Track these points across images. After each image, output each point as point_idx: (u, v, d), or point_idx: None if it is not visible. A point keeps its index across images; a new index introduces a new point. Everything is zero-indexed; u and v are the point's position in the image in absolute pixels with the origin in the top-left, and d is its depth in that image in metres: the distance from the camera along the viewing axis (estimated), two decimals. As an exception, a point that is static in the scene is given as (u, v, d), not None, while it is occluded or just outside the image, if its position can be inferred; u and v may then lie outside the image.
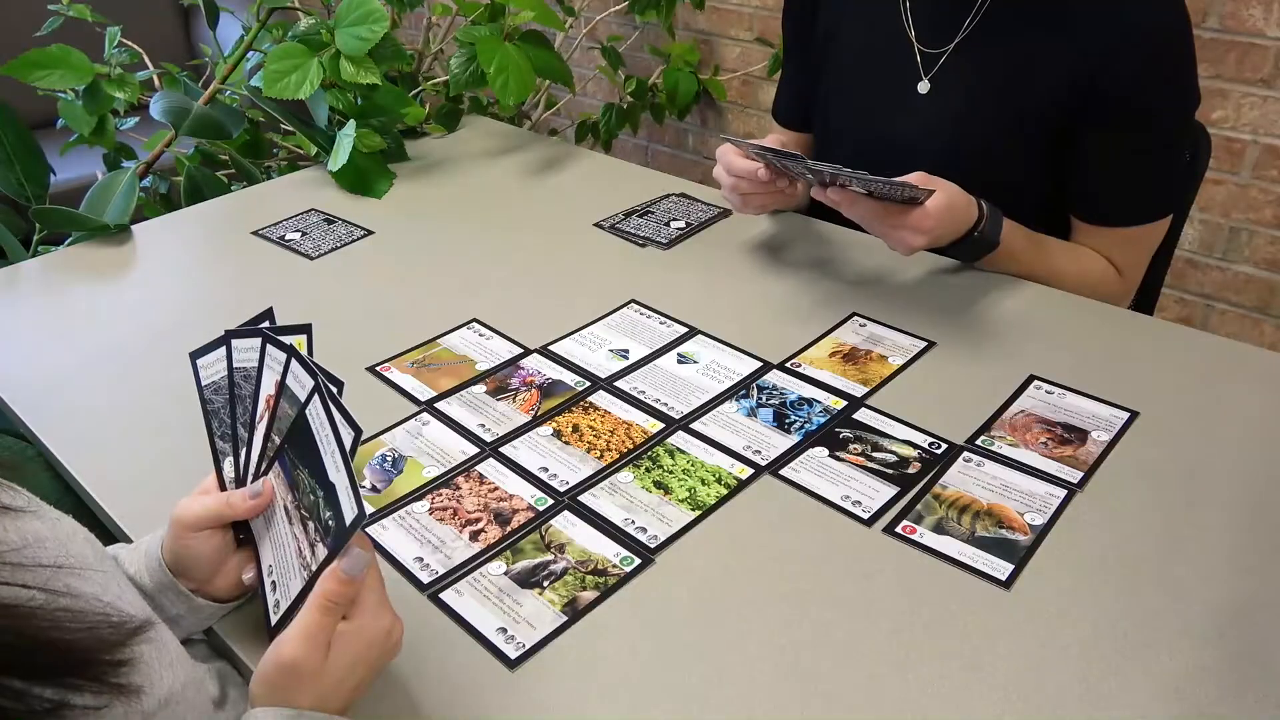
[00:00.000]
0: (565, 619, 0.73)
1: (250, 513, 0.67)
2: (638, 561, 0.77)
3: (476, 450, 0.90)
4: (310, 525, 0.63)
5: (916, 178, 1.03)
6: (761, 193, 1.12)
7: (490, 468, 0.88)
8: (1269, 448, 0.87)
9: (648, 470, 0.87)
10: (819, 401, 0.95)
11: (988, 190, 1.09)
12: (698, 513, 0.82)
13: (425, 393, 0.98)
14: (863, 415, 0.93)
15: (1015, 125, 1.14)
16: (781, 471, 0.86)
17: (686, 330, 1.07)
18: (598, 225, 1.31)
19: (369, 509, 0.75)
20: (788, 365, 1.01)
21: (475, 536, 0.80)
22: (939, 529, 0.80)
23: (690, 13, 2.54)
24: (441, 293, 1.17)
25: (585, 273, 1.20)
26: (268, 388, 0.68)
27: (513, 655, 0.70)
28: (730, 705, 0.66)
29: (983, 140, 1.16)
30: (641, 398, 0.96)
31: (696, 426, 0.92)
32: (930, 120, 1.18)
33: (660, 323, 1.08)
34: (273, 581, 0.66)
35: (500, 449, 0.90)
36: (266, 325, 0.69)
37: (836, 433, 0.91)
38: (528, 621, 0.73)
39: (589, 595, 0.75)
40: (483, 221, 1.35)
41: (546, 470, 0.87)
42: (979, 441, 0.89)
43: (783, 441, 0.90)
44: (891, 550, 0.78)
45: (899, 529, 0.80)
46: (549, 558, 0.78)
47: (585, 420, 0.93)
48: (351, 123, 1.44)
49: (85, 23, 1.62)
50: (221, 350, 0.71)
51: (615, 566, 0.77)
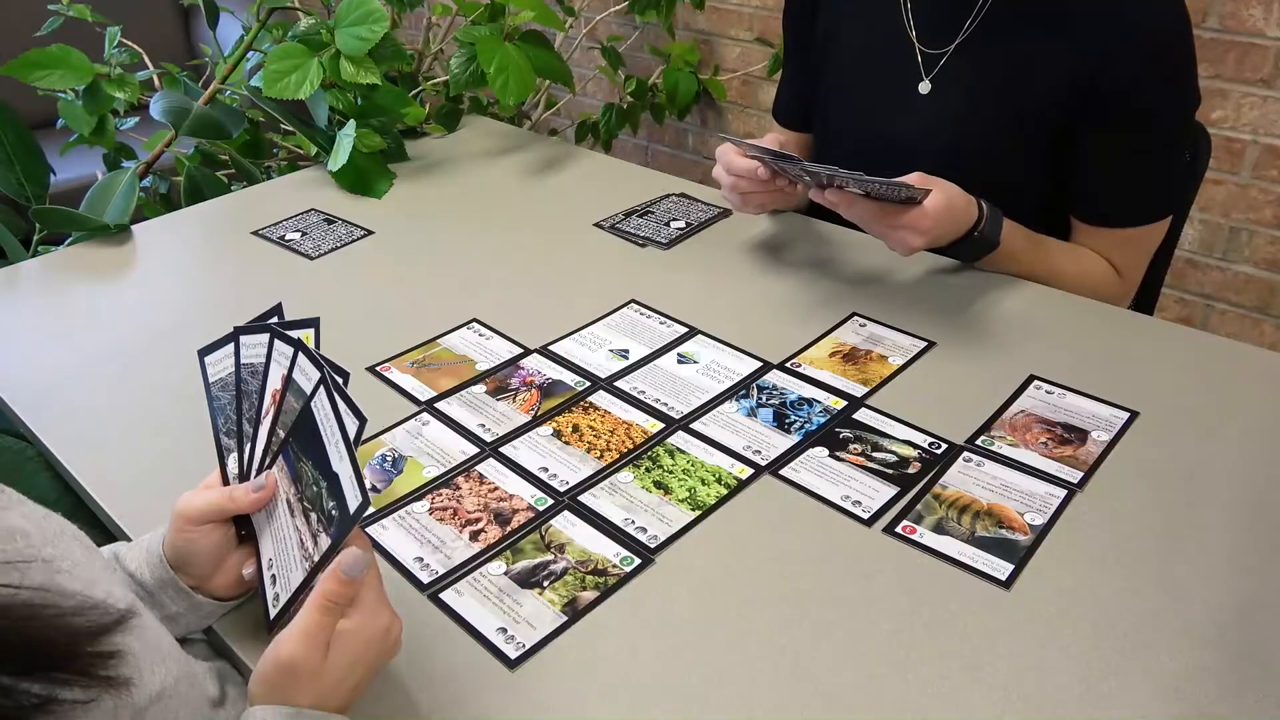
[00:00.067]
0: (565, 619, 0.73)
1: (253, 506, 0.67)
2: (638, 561, 0.77)
3: (476, 450, 0.90)
4: (313, 516, 0.63)
5: (915, 178, 1.03)
6: (761, 192, 1.12)
7: (490, 468, 0.88)
8: (1269, 448, 0.87)
9: (648, 470, 0.87)
10: (819, 401, 0.95)
11: (988, 190, 1.09)
12: (698, 513, 0.82)
13: (425, 393, 0.98)
14: (863, 415, 0.93)
15: (1015, 125, 1.14)
16: (781, 471, 0.86)
17: (686, 330, 1.07)
18: (598, 225, 1.31)
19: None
20: (788, 365, 1.01)
21: (475, 536, 0.80)
22: (939, 529, 0.80)
23: (690, 13, 2.54)
24: (441, 293, 1.17)
25: (585, 273, 1.20)
26: (274, 382, 0.68)
27: (513, 655, 0.70)
28: (730, 705, 0.66)
29: (983, 140, 1.16)
30: (641, 398, 0.96)
31: (696, 426, 0.92)
32: (931, 120, 1.18)
33: (660, 323, 1.08)
34: (272, 575, 0.67)
35: (500, 449, 0.90)
36: (275, 320, 0.70)
37: (836, 433, 0.91)
38: (528, 621, 0.73)
39: (589, 595, 0.75)
40: (483, 221, 1.35)
41: (546, 470, 0.87)
42: (979, 441, 0.89)
43: (783, 441, 0.90)
44: (891, 550, 0.78)
45: (899, 529, 0.80)
46: (549, 558, 0.78)
47: (585, 420, 0.93)
48: (351, 123, 1.44)
49: (85, 23, 1.62)
50: (229, 347, 0.71)
51: (615, 566, 0.77)
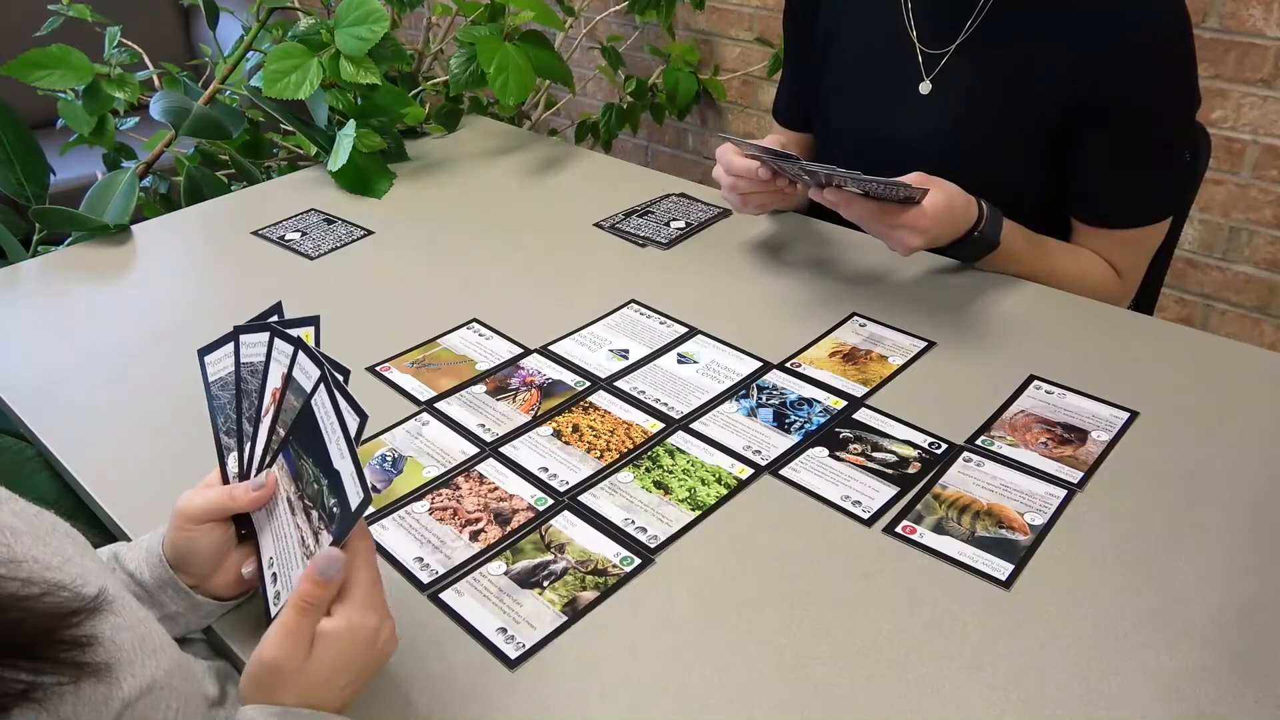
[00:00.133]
0: (565, 619, 0.73)
1: (253, 504, 0.67)
2: (638, 561, 0.77)
3: (476, 450, 0.90)
4: (314, 514, 0.63)
5: (914, 178, 1.03)
6: (761, 192, 1.12)
7: (490, 468, 0.88)
8: (1269, 448, 0.87)
9: (648, 470, 0.87)
10: (819, 401, 0.95)
11: (988, 191, 1.09)
12: (698, 513, 0.82)
13: (425, 393, 0.98)
14: (863, 415, 0.93)
15: (1016, 126, 1.14)
16: (781, 471, 0.86)
17: (686, 330, 1.07)
18: (598, 225, 1.31)
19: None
20: (788, 365, 1.01)
21: (475, 536, 0.80)
22: (939, 529, 0.79)
23: (690, 13, 2.54)
24: (441, 293, 1.17)
25: (585, 273, 1.20)
26: (274, 381, 0.68)
27: (513, 655, 0.70)
28: (730, 705, 0.66)
29: (983, 140, 1.16)
30: (641, 398, 0.96)
31: (696, 426, 0.92)
32: (931, 120, 1.18)
33: (660, 323, 1.08)
34: (273, 574, 0.67)
35: (500, 449, 0.90)
36: (275, 319, 0.70)
37: (836, 433, 0.91)
38: (528, 621, 0.73)
39: (589, 595, 0.75)
40: (483, 221, 1.35)
41: (546, 470, 0.87)
42: (979, 441, 0.89)
43: (783, 441, 0.90)
44: (891, 550, 0.78)
45: (899, 529, 0.80)
46: (549, 558, 0.78)
47: (585, 420, 0.93)
48: (351, 123, 1.44)
49: (85, 23, 1.62)
50: (229, 346, 0.71)
51: (615, 566, 0.77)
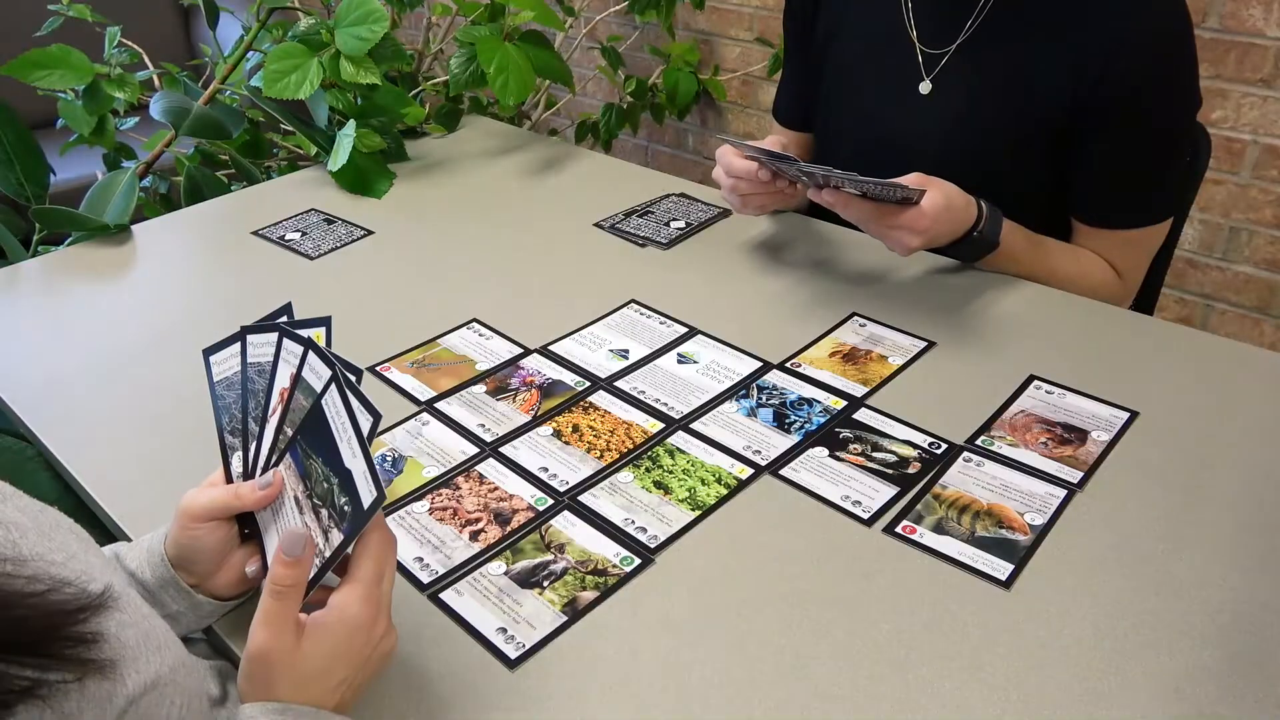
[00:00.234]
0: (565, 619, 0.73)
1: (258, 504, 0.67)
2: (638, 561, 0.77)
3: (476, 450, 0.90)
4: (323, 513, 0.63)
5: (914, 178, 1.03)
6: (761, 193, 1.12)
7: (490, 468, 0.88)
8: (1269, 448, 0.87)
9: (648, 470, 0.87)
10: (819, 401, 0.95)
11: (988, 191, 1.09)
12: (698, 513, 0.82)
13: (425, 393, 0.98)
14: (863, 415, 0.93)
15: (1016, 126, 1.14)
16: (781, 471, 0.86)
17: (686, 330, 1.07)
18: (598, 225, 1.31)
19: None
20: (788, 365, 1.01)
21: (475, 536, 0.80)
22: (939, 529, 0.80)
23: (690, 13, 2.54)
24: (441, 293, 1.17)
25: (585, 273, 1.20)
26: (282, 381, 0.68)
27: (513, 655, 0.70)
28: (730, 705, 0.66)
29: (983, 141, 1.16)
30: (641, 398, 0.96)
31: (696, 426, 0.92)
32: (931, 121, 1.18)
33: (660, 323, 1.08)
34: None
35: (500, 449, 0.90)
36: (284, 320, 0.70)
37: (836, 433, 0.91)
38: (528, 621, 0.73)
39: (589, 595, 0.75)
40: (483, 221, 1.35)
41: (546, 470, 0.87)
42: (979, 441, 0.89)
43: (783, 441, 0.90)
44: (891, 550, 0.78)
45: (899, 529, 0.80)
46: (549, 558, 0.78)
47: (585, 420, 0.93)
48: (351, 123, 1.44)
49: (85, 23, 1.62)
50: (235, 346, 0.71)
51: (615, 566, 0.77)
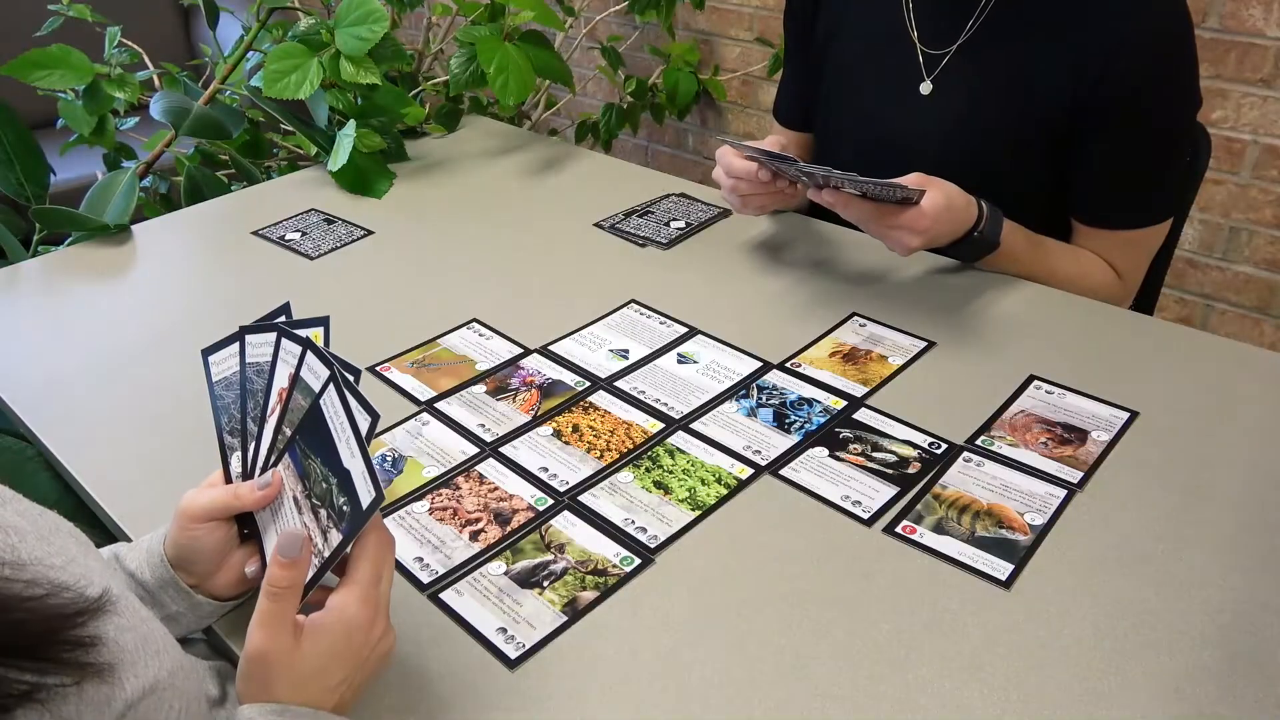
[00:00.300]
0: (565, 619, 0.73)
1: (258, 504, 0.67)
2: (638, 561, 0.77)
3: (476, 450, 0.90)
4: (322, 513, 0.63)
5: (914, 178, 1.03)
6: (761, 193, 1.11)
7: (490, 468, 0.88)
8: (1269, 448, 0.87)
9: (648, 470, 0.87)
10: (819, 401, 0.95)
11: (988, 191, 1.09)
12: (698, 513, 0.82)
13: (425, 393, 0.98)
14: (863, 415, 0.93)
15: (1016, 126, 1.14)
16: (781, 471, 0.86)
17: (686, 330, 1.07)
18: (598, 225, 1.31)
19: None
20: (788, 365, 1.01)
21: (475, 536, 0.80)
22: (939, 529, 0.80)
23: (690, 13, 2.54)
24: (441, 293, 1.17)
25: (585, 273, 1.20)
26: (281, 381, 0.68)
27: (513, 655, 0.70)
28: (730, 705, 0.66)
29: (984, 141, 1.16)
30: (641, 398, 0.96)
31: (696, 426, 0.92)
32: (932, 121, 1.18)
33: (660, 323, 1.08)
34: None
35: (500, 449, 0.90)
36: (282, 320, 0.69)
37: (836, 433, 0.91)
38: (528, 621, 0.73)
39: (589, 595, 0.75)
40: (483, 221, 1.35)
41: (546, 470, 0.87)
42: (979, 441, 0.89)
43: (783, 441, 0.90)
44: (891, 550, 0.78)
45: (899, 529, 0.80)
46: (549, 558, 0.78)
47: (585, 420, 0.93)
48: (351, 123, 1.44)
49: (85, 23, 1.62)
50: (234, 346, 0.71)
51: (615, 566, 0.77)
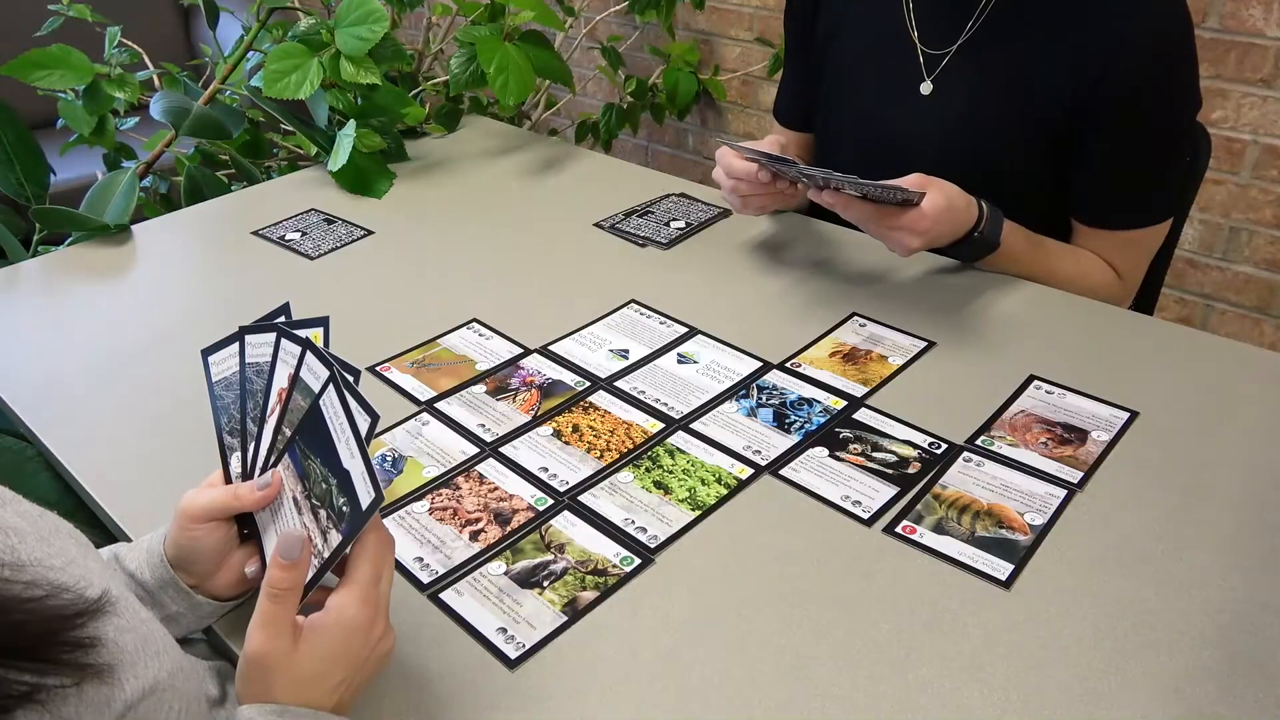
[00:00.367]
0: (565, 619, 0.73)
1: (257, 504, 0.67)
2: (638, 561, 0.77)
3: (476, 450, 0.90)
4: (322, 514, 0.63)
5: (914, 179, 1.03)
6: (761, 194, 1.11)
7: (490, 468, 0.88)
8: (1269, 448, 0.87)
9: (648, 470, 0.87)
10: (819, 401, 0.95)
11: (988, 191, 1.09)
12: (698, 513, 0.82)
13: (425, 393, 0.98)
14: (863, 415, 0.93)
15: (1017, 127, 1.14)
16: (781, 471, 0.86)
17: (686, 330, 1.07)
18: (598, 225, 1.31)
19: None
20: (788, 365, 1.01)
21: (475, 536, 0.80)
22: (939, 529, 0.79)
23: (690, 13, 2.54)
24: (441, 293, 1.17)
25: (585, 273, 1.20)
26: (280, 381, 0.68)
27: (513, 655, 0.70)
28: (730, 705, 0.66)
29: (984, 141, 1.16)
30: (641, 398, 0.96)
31: (696, 426, 0.92)
32: (932, 121, 1.18)
33: (660, 323, 1.08)
34: None
35: (500, 449, 0.90)
36: (282, 320, 0.69)
37: (836, 433, 0.91)
38: (528, 621, 0.73)
39: (589, 595, 0.75)
40: (483, 221, 1.35)
41: (546, 470, 0.87)
42: (979, 441, 0.89)
43: (783, 441, 0.90)
44: (891, 550, 0.78)
45: (899, 529, 0.80)
46: (549, 558, 0.78)
47: (585, 420, 0.93)
48: (351, 123, 1.44)
49: (85, 23, 1.62)
50: (234, 346, 0.71)
51: (615, 566, 0.77)
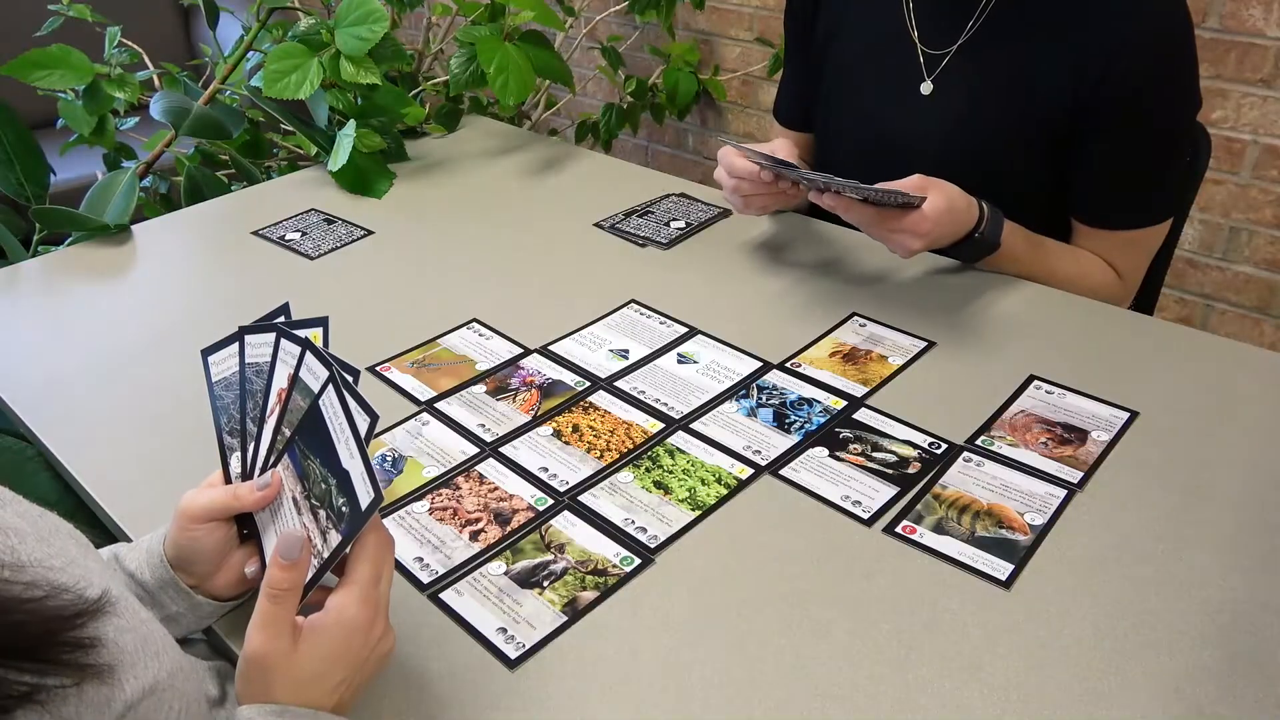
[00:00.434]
0: (565, 619, 0.73)
1: (257, 504, 0.67)
2: (638, 561, 0.77)
3: (476, 450, 0.90)
4: (321, 514, 0.63)
5: (915, 179, 1.03)
6: (763, 194, 1.11)
7: (490, 468, 0.88)
8: (1269, 448, 0.87)
9: (648, 470, 0.87)
10: (819, 401, 0.95)
11: (988, 191, 1.09)
12: (698, 513, 0.82)
13: (425, 393, 0.98)
14: (863, 415, 0.93)
15: (1017, 127, 1.14)
16: (781, 471, 0.86)
17: (686, 330, 1.07)
18: (598, 225, 1.31)
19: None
20: (788, 365, 1.01)
21: (475, 536, 0.80)
22: (939, 529, 0.80)
23: (690, 13, 2.54)
24: (441, 293, 1.17)
25: (585, 273, 1.20)
26: (280, 381, 0.68)
27: (513, 655, 0.70)
28: (730, 705, 0.66)
29: (985, 141, 1.16)
30: (641, 398, 0.96)
31: (696, 426, 0.92)
32: (932, 121, 1.18)
33: (660, 323, 1.08)
34: None
35: (500, 449, 0.90)
36: (281, 320, 0.69)
37: (836, 433, 0.91)
38: (528, 621, 0.73)
39: (589, 595, 0.75)
40: (483, 221, 1.35)
41: (546, 470, 0.87)
42: (979, 441, 0.89)
43: (783, 441, 0.90)
44: (891, 550, 0.78)
45: (899, 529, 0.80)
46: (549, 558, 0.78)
47: (585, 420, 0.93)
48: (351, 123, 1.44)
49: (85, 23, 1.62)
50: (234, 346, 0.71)
51: (615, 566, 0.77)
